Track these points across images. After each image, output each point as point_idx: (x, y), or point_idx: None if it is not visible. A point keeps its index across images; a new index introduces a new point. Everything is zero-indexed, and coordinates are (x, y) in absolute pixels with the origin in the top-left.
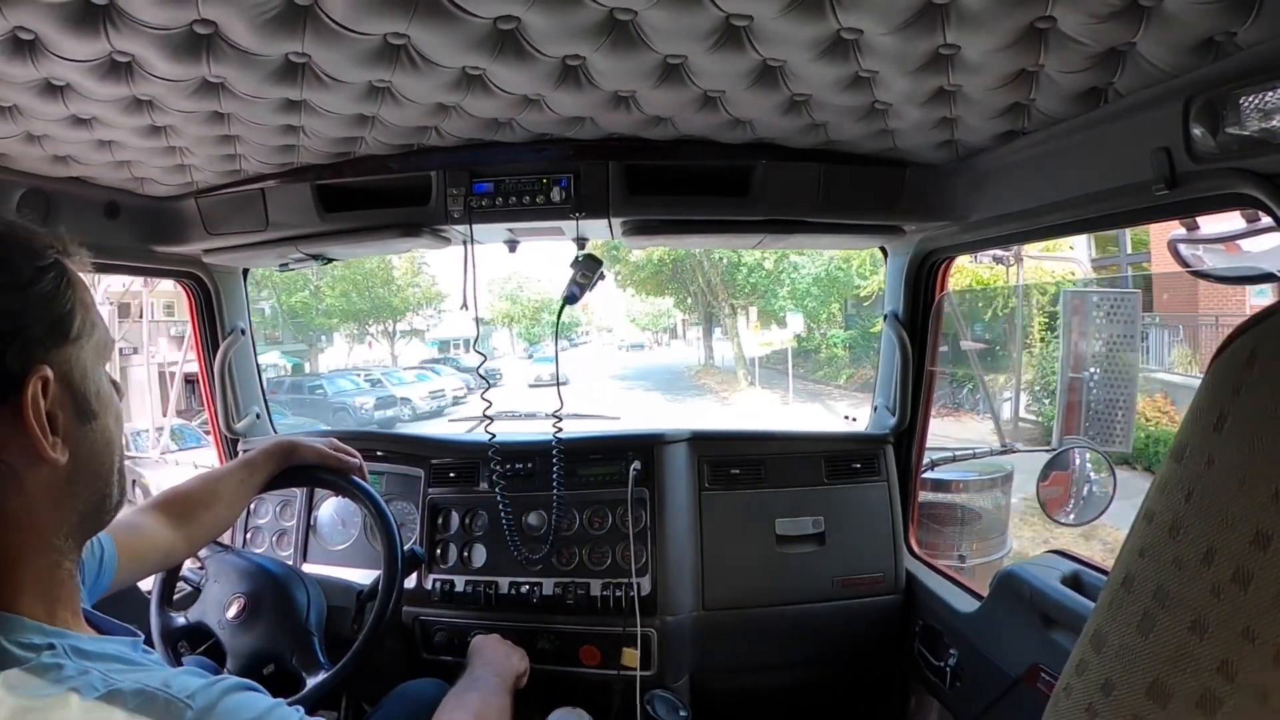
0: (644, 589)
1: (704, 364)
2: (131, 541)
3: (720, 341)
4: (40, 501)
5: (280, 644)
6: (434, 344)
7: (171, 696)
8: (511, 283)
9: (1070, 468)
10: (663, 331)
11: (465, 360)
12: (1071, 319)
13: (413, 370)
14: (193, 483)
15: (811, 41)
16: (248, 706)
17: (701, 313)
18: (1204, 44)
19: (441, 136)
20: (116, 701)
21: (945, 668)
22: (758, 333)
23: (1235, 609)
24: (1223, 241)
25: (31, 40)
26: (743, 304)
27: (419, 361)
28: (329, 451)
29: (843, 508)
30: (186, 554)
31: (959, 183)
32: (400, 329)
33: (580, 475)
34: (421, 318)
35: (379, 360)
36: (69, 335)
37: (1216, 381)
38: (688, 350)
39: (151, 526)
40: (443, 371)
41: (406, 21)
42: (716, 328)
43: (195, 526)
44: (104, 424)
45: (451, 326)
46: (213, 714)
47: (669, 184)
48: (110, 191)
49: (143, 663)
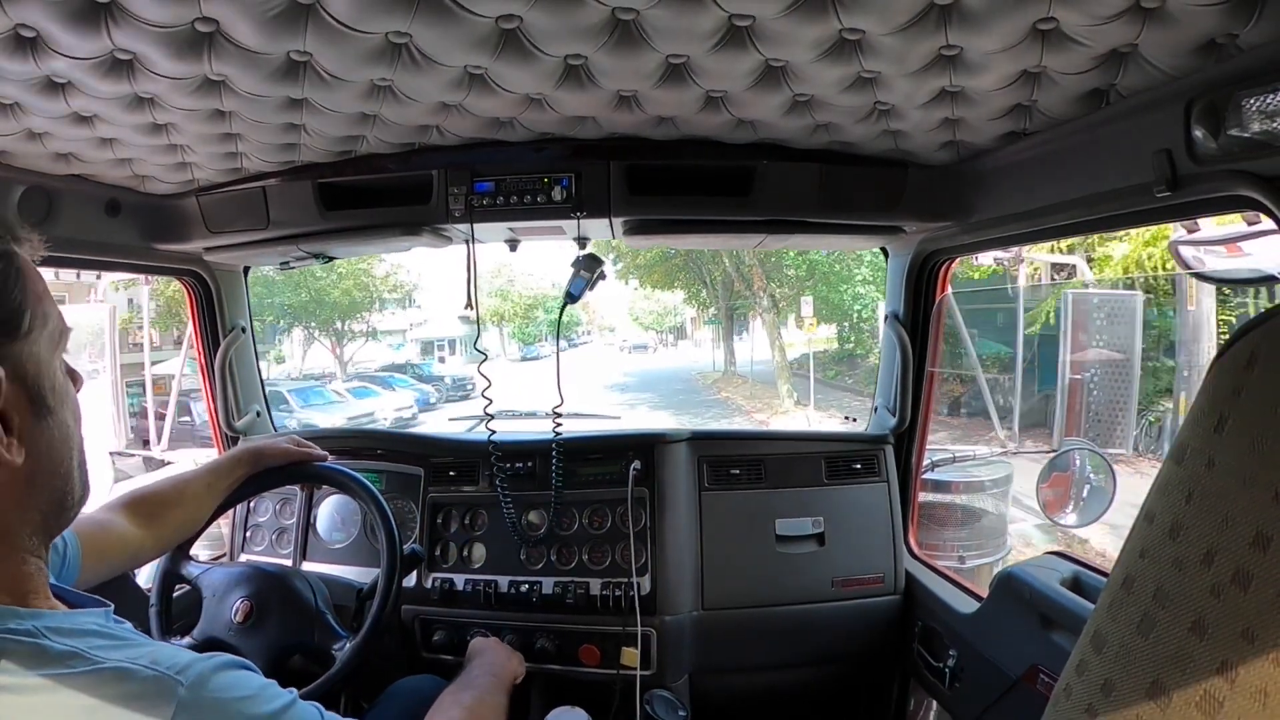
0: (644, 589)
1: (723, 370)
2: (97, 539)
3: (744, 342)
4: (1, 504)
5: (297, 628)
6: (398, 346)
7: (161, 673)
8: (501, 278)
9: (1070, 469)
10: (668, 331)
11: (435, 367)
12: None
13: (358, 381)
14: (161, 483)
15: (814, 42)
16: (241, 684)
17: (721, 308)
18: (1206, 46)
19: (443, 135)
20: (105, 679)
21: (945, 668)
22: (813, 330)
23: (1235, 610)
24: (1223, 244)
25: (33, 37)
26: (788, 294)
27: (376, 368)
28: (294, 449)
29: (843, 508)
30: (154, 554)
31: (961, 183)
32: (357, 329)
33: (580, 475)
34: (389, 316)
35: (326, 365)
36: (20, 330)
37: (1217, 384)
38: (697, 353)
39: (118, 525)
40: (397, 383)
41: (408, 20)
42: (741, 328)
43: (162, 527)
44: (61, 419)
45: (437, 326)
46: (205, 689)
47: (670, 184)
48: (111, 189)
49: (125, 637)
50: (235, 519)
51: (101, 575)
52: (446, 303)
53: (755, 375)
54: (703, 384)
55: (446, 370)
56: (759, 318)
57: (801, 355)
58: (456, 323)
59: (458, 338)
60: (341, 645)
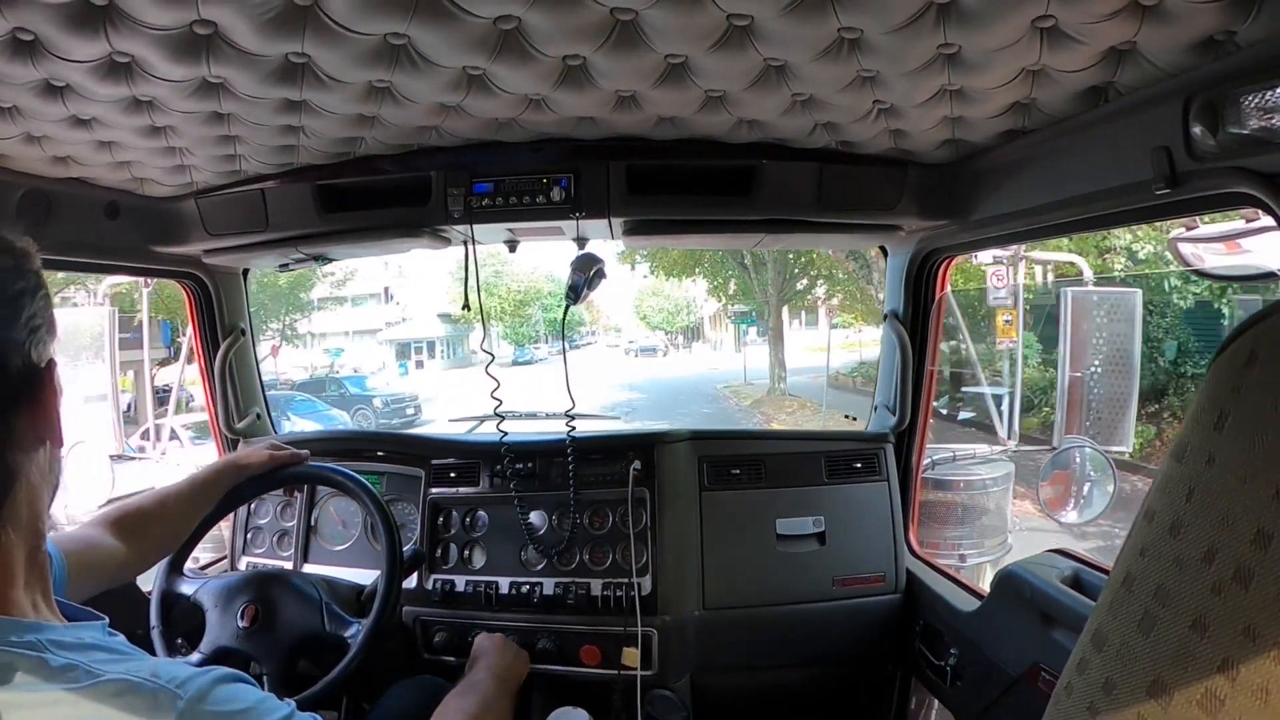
0: (644, 589)
1: (771, 385)
2: (83, 555)
3: (757, 345)
4: (36, 486)
5: (306, 621)
6: (334, 354)
7: (161, 686)
8: (487, 269)
9: (1071, 467)
10: (679, 332)
11: (374, 384)
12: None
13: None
14: (144, 498)
15: (813, 41)
16: (239, 697)
17: (771, 301)
18: (1204, 43)
19: (442, 137)
20: (106, 693)
21: (945, 667)
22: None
23: (1236, 608)
24: (1223, 240)
25: (31, 41)
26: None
27: (294, 385)
28: (276, 454)
29: (843, 507)
30: (138, 569)
31: (960, 182)
32: (275, 328)
33: (580, 475)
34: (342, 316)
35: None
36: (55, 331)
37: (1217, 381)
38: (716, 357)
39: (103, 541)
40: (300, 410)
41: (406, 22)
42: (763, 326)
43: (146, 542)
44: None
45: (415, 327)
46: (204, 703)
47: (669, 184)
48: (110, 192)
49: (124, 650)
50: (236, 522)
51: (86, 592)
52: (426, 298)
53: (802, 389)
54: (735, 403)
55: (383, 384)
56: (821, 308)
57: (855, 363)
58: (437, 322)
59: (437, 339)
60: (354, 631)
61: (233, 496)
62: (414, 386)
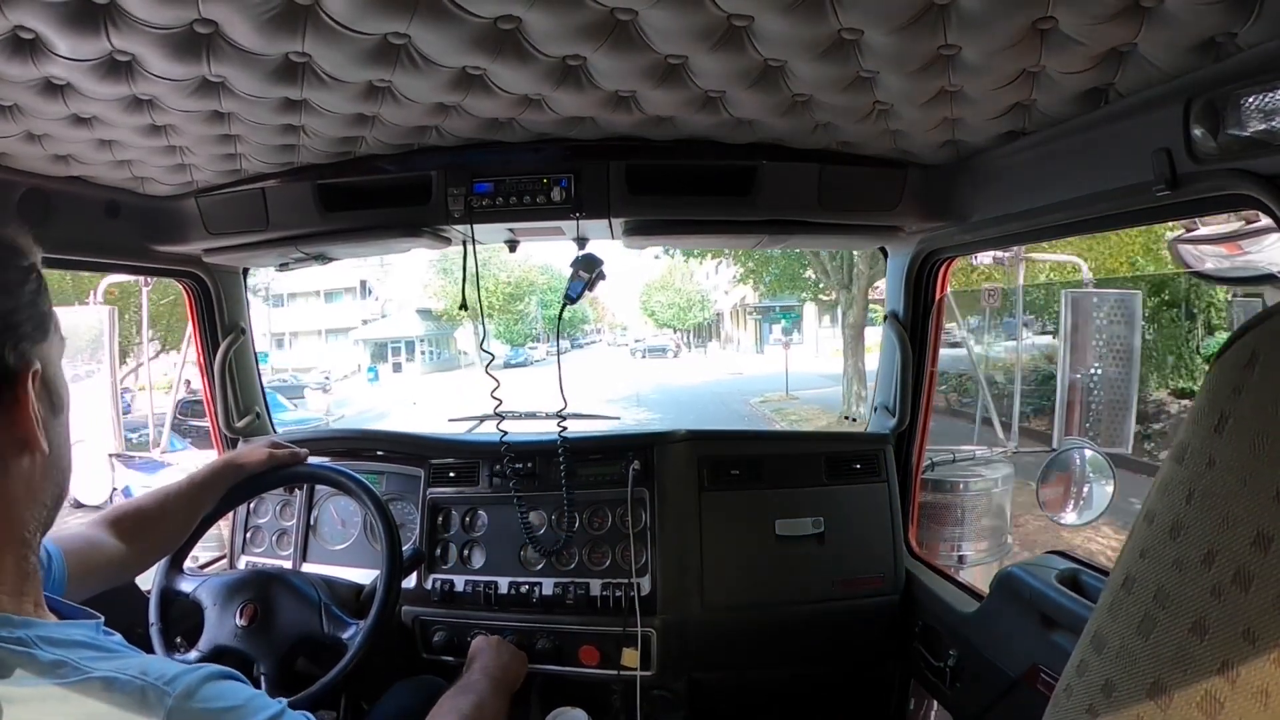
0: (644, 589)
1: (846, 408)
2: (83, 555)
3: (727, 350)
4: (17, 495)
5: (304, 621)
6: (262, 358)
7: (149, 683)
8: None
9: (1070, 469)
10: (690, 330)
11: (284, 403)
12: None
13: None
14: (143, 498)
15: (812, 42)
16: (228, 694)
17: (860, 283)
18: (1204, 44)
19: (442, 136)
20: (94, 689)
21: (945, 668)
22: None
23: (1236, 610)
24: (1223, 242)
25: (31, 39)
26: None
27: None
28: (275, 452)
29: (843, 508)
30: (138, 570)
31: (960, 183)
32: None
33: (580, 475)
34: (299, 313)
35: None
36: (47, 332)
37: (1217, 383)
38: (739, 359)
39: (102, 542)
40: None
41: (406, 21)
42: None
43: (146, 541)
44: (66, 417)
45: (393, 325)
46: (192, 700)
47: (669, 184)
48: (110, 191)
49: (114, 649)
50: (235, 521)
51: (86, 592)
52: (405, 292)
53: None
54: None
55: (330, 399)
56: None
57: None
58: (416, 320)
59: (416, 339)
60: (353, 633)
61: (232, 495)
62: (376, 398)
